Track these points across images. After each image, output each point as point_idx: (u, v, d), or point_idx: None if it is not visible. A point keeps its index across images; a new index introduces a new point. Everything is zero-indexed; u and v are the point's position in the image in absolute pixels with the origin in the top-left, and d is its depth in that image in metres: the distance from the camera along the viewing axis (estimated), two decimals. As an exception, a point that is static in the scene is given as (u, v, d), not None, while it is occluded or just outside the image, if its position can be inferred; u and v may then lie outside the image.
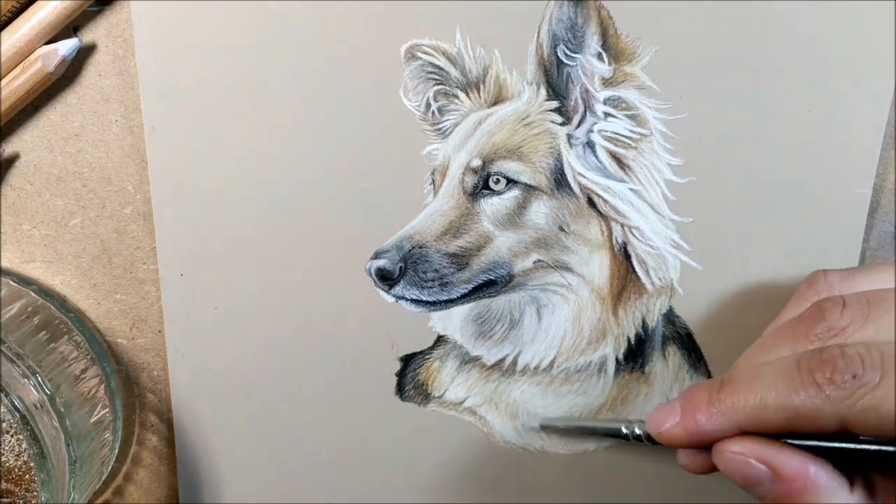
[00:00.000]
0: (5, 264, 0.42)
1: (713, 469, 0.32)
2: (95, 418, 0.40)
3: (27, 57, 0.38)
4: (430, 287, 0.40)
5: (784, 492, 0.29)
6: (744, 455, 0.30)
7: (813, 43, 0.38)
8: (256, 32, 0.38)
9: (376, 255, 0.40)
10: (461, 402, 0.44)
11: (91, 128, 0.40)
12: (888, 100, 0.38)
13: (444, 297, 0.41)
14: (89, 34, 0.39)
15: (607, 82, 0.39)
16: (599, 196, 0.40)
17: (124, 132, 0.40)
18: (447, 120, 0.40)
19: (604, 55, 0.38)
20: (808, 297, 0.34)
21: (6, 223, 0.41)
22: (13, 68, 0.38)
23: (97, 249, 0.42)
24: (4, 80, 0.38)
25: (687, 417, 0.31)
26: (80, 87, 0.39)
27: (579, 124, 0.39)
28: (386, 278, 0.40)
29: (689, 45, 0.38)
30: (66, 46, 0.38)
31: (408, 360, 0.43)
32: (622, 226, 0.40)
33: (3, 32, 0.37)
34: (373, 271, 0.40)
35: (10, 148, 0.40)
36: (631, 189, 0.40)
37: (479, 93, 0.40)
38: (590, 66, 0.38)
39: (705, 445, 0.31)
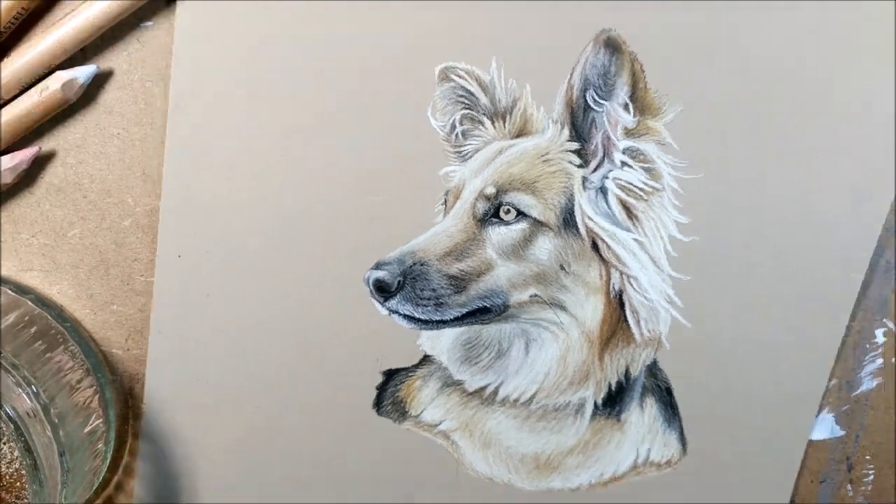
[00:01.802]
0: (3, 272, 0.41)
1: None
2: (89, 429, 0.39)
3: (41, 76, 0.38)
4: (425, 305, 0.40)
5: None
6: None
7: (834, 121, 0.39)
8: (291, 38, 0.38)
9: (377, 266, 0.40)
10: (436, 425, 0.44)
11: (92, 139, 0.40)
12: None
13: (437, 318, 0.41)
14: (93, 48, 0.39)
15: (629, 133, 0.40)
16: (604, 241, 0.41)
17: (126, 145, 0.40)
18: (469, 144, 0.41)
19: (630, 106, 0.39)
20: None
21: (5, 231, 0.41)
22: (26, 89, 0.38)
23: (95, 260, 0.42)
24: (21, 103, 0.38)
25: None
26: (82, 98, 0.39)
27: (596, 169, 0.40)
28: (383, 290, 0.40)
29: (714, 110, 0.39)
30: (85, 74, 0.38)
31: (390, 375, 0.43)
32: (621, 274, 0.41)
33: (16, 53, 0.38)
34: (371, 281, 0.40)
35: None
36: (635, 239, 0.41)
37: (504, 123, 0.40)
38: (615, 115, 0.39)
39: None
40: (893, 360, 0.44)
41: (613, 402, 0.43)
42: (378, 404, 0.43)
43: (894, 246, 0.42)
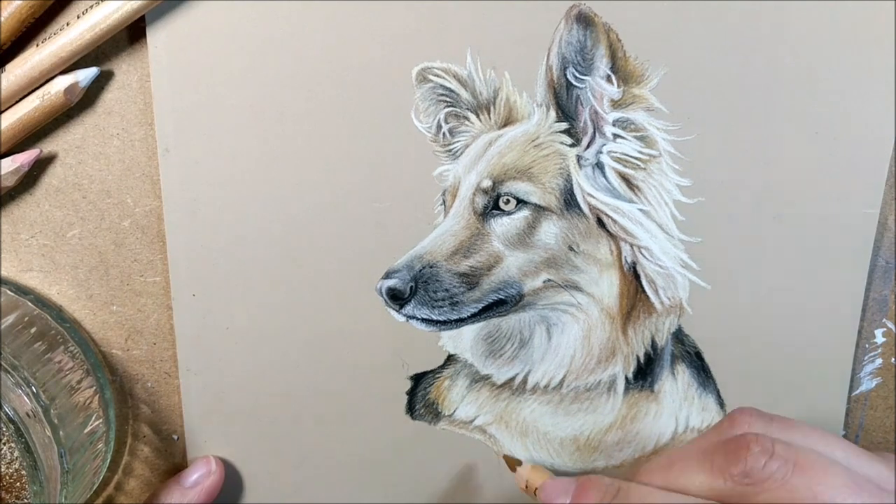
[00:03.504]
0: (3, 273, 0.42)
1: None
2: (89, 429, 0.40)
3: (42, 80, 0.38)
4: (441, 307, 0.41)
5: None
6: None
7: (820, 64, 0.38)
8: (269, 55, 0.38)
9: (387, 275, 0.41)
10: (471, 421, 0.44)
11: (92, 140, 0.40)
12: (892, 120, 0.39)
13: (455, 317, 0.41)
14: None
15: (616, 104, 0.39)
16: (609, 216, 0.40)
17: (125, 145, 0.40)
18: (458, 141, 0.40)
19: (613, 77, 0.38)
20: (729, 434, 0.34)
21: (5, 232, 0.41)
22: (28, 92, 0.38)
23: (95, 261, 0.42)
24: (22, 107, 0.38)
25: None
26: (81, 99, 0.39)
27: (589, 145, 0.40)
28: (396, 298, 0.40)
29: (698, 67, 0.38)
30: (86, 77, 0.38)
31: (418, 379, 0.43)
32: (631, 246, 0.41)
33: (19, 60, 0.38)
34: (383, 291, 0.41)
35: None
36: (640, 209, 0.40)
37: (489, 115, 0.40)
38: (599, 89, 0.39)
39: None
40: (893, 360, 0.44)
41: (644, 374, 0.43)
42: (411, 409, 0.44)
43: (893, 246, 0.41)
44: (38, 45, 0.37)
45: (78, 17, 0.37)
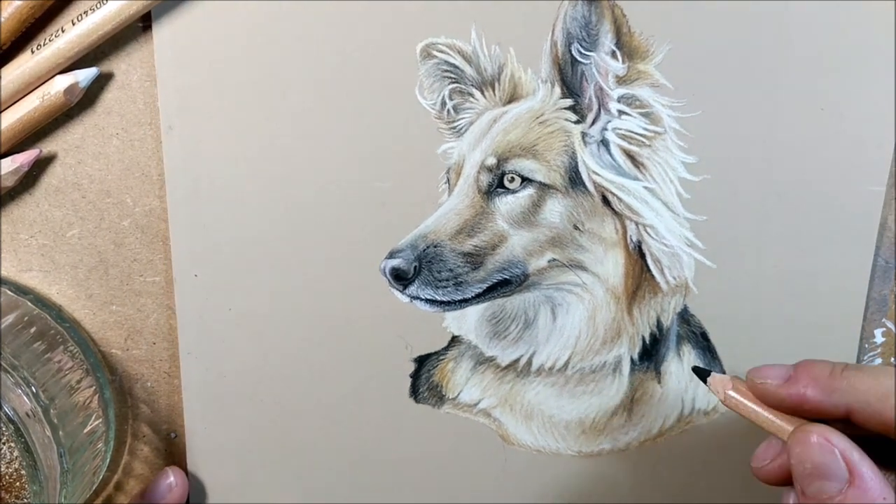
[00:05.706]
0: (3, 273, 0.42)
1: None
2: (89, 429, 0.40)
3: (42, 80, 0.38)
4: (445, 287, 0.40)
5: (850, 498, 0.29)
6: (831, 445, 0.29)
7: (825, 41, 0.38)
8: (272, 32, 0.38)
9: (391, 255, 0.40)
10: (476, 404, 0.44)
11: (91, 140, 0.40)
12: (899, 97, 0.39)
13: (459, 297, 0.41)
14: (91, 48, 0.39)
15: (621, 80, 0.39)
16: (614, 194, 0.40)
17: (125, 145, 0.40)
18: (462, 118, 0.40)
19: (618, 53, 0.38)
20: None
21: (4, 232, 0.41)
22: (28, 91, 0.38)
23: (94, 260, 0.42)
24: (22, 107, 0.38)
25: (797, 383, 0.31)
26: (81, 99, 0.39)
27: (594, 122, 0.40)
28: (401, 278, 0.40)
29: (703, 43, 0.38)
30: (86, 77, 0.38)
31: (422, 362, 0.43)
32: (637, 224, 0.40)
33: (19, 60, 0.38)
34: (387, 271, 0.40)
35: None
36: (645, 187, 0.40)
37: (494, 91, 0.40)
38: (604, 64, 0.39)
39: (795, 413, 0.31)
40: (892, 359, 0.44)
41: (650, 355, 0.43)
42: (414, 392, 0.43)
43: (893, 246, 0.41)
44: (32, 52, 0.37)
45: (73, 23, 0.37)
